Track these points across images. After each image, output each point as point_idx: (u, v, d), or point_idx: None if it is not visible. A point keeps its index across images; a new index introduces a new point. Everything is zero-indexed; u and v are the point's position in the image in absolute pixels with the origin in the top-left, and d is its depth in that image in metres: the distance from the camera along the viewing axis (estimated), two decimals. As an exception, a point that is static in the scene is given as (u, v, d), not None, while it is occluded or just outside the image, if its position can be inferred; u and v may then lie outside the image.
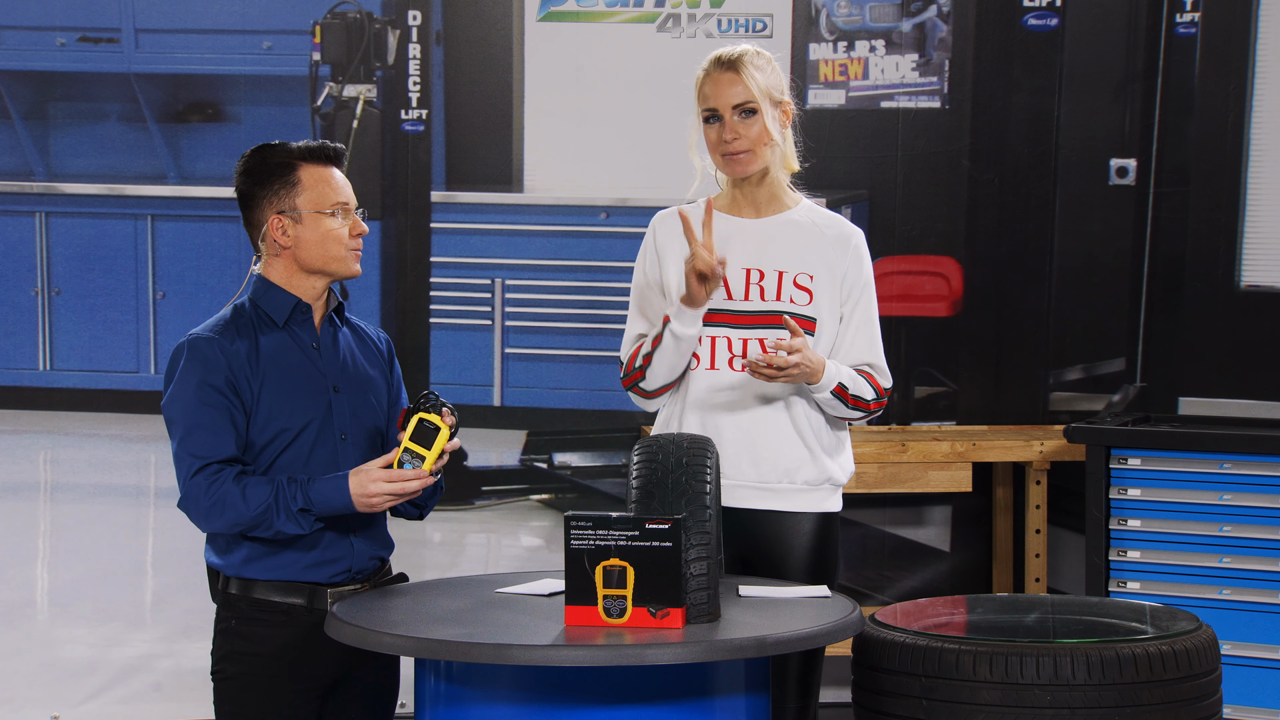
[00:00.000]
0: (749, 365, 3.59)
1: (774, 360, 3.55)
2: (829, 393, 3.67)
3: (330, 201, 3.48)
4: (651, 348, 3.69)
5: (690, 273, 3.59)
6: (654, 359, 3.69)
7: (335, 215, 3.47)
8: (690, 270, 3.59)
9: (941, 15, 5.95)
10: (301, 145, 3.51)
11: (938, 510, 6.04)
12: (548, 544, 5.90)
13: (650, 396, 3.77)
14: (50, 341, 5.84)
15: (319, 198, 3.47)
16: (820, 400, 3.70)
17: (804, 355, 3.58)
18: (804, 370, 3.59)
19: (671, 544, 3.02)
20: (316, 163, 3.50)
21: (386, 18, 5.84)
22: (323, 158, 3.50)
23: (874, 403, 3.74)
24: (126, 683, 5.76)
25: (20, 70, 5.81)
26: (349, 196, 3.51)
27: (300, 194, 3.47)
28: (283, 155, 3.50)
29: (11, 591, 5.78)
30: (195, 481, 3.37)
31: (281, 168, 3.49)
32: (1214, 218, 5.89)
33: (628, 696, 3.00)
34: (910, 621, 3.66)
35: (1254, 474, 5.02)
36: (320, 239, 3.47)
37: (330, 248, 3.48)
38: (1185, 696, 3.44)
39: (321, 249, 3.48)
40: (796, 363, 3.56)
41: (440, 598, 3.38)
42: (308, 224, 3.47)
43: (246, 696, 3.44)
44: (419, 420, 3.36)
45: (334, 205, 3.48)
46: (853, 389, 3.70)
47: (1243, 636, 5.01)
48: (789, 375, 3.58)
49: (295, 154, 3.50)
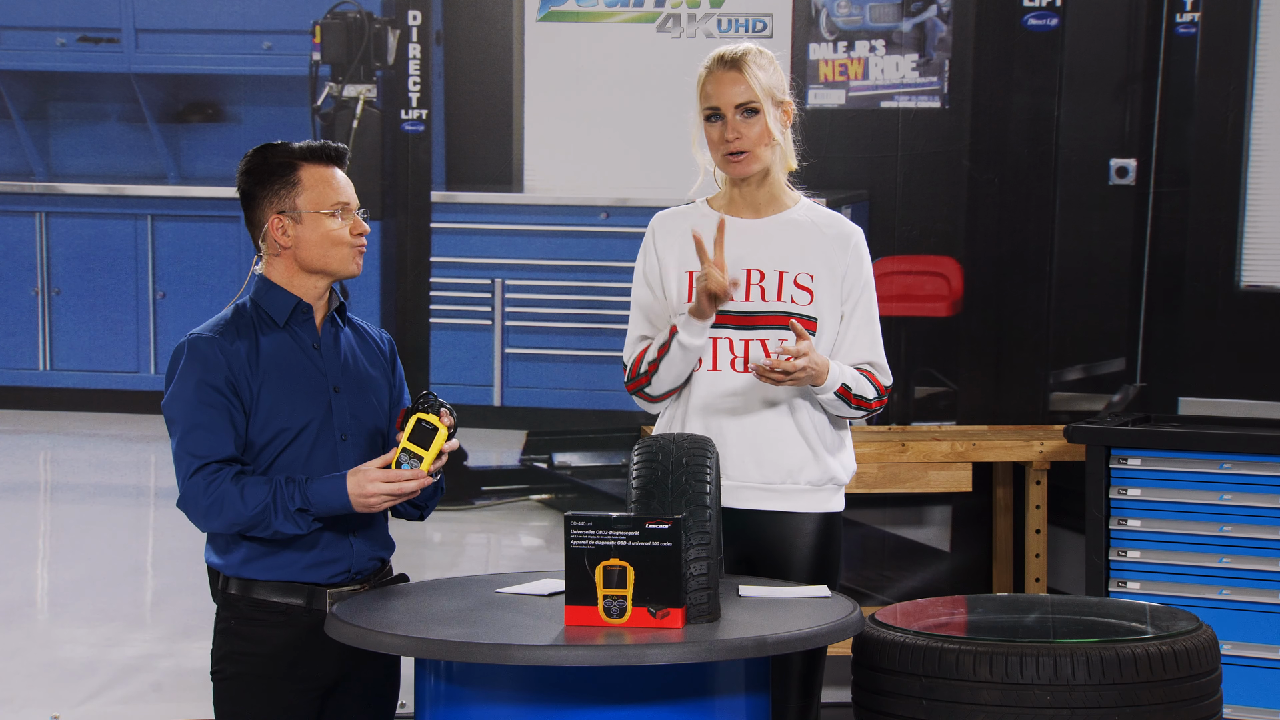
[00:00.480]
0: (755, 370, 3.58)
1: (779, 365, 3.55)
2: (833, 394, 3.67)
3: (330, 201, 3.47)
4: (657, 355, 3.69)
5: (702, 291, 3.59)
6: (661, 367, 3.69)
7: (335, 215, 3.47)
8: (702, 289, 3.59)
9: (941, 15, 5.94)
10: (303, 145, 3.50)
11: (938, 510, 6.03)
12: (548, 544, 5.90)
13: (655, 401, 3.78)
14: (50, 341, 5.83)
15: (319, 198, 3.46)
16: (824, 401, 3.70)
17: (810, 359, 3.57)
18: (810, 373, 3.58)
19: (671, 544, 3.02)
20: (317, 163, 3.49)
21: (386, 18, 5.84)
22: (324, 158, 3.50)
23: (875, 401, 3.74)
24: (126, 683, 5.75)
25: (20, 70, 5.80)
26: (350, 196, 3.50)
27: (301, 194, 3.46)
28: (284, 155, 3.49)
29: (11, 591, 5.78)
30: (194, 481, 3.37)
31: (282, 167, 3.48)
32: (1214, 218, 5.89)
33: (628, 696, 3.00)
34: (910, 621, 3.65)
35: (1254, 474, 5.02)
36: (320, 239, 3.46)
37: (330, 248, 3.47)
38: (1185, 696, 3.44)
39: (321, 249, 3.47)
40: (803, 366, 3.56)
41: (440, 598, 3.37)
42: (308, 224, 3.46)
43: (246, 696, 3.43)
44: (417, 421, 3.36)
45: (334, 205, 3.47)
46: (855, 389, 3.69)
47: (1243, 636, 5.00)
48: (795, 379, 3.58)
49: (296, 154, 3.49)
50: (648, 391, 3.74)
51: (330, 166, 3.50)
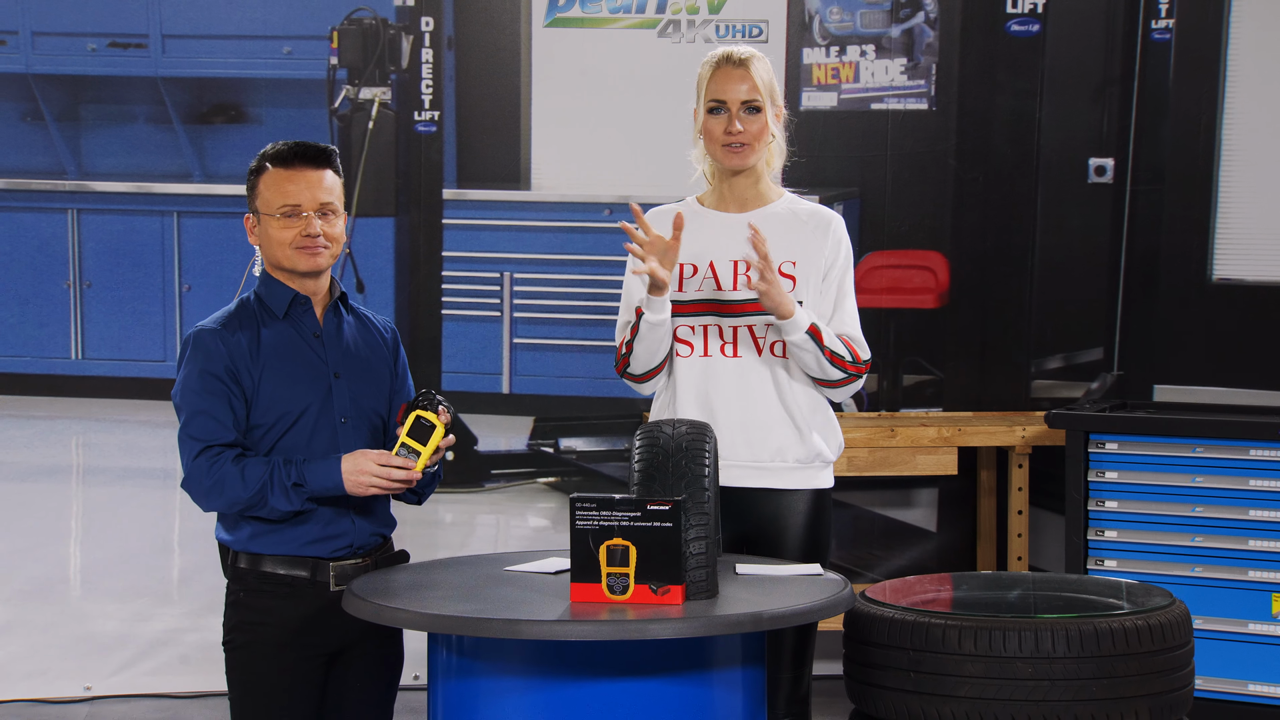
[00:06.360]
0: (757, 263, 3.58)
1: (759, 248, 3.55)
2: (804, 333, 3.64)
3: (277, 205, 3.44)
4: (630, 335, 3.71)
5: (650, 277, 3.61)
6: (636, 347, 3.71)
7: (281, 216, 3.43)
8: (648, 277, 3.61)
9: (929, 21, 5.93)
10: (275, 148, 3.47)
11: (925, 492, 6.04)
12: (554, 524, 5.90)
13: (640, 380, 3.78)
14: (82, 332, 5.84)
15: (269, 200, 3.44)
16: (796, 344, 3.65)
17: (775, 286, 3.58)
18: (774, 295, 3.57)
19: (672, 524, 3.02)
20: (280, 165, 3.45)
21: (400, 24, 5.83)
22: (288, 160, 3.45)
23: (851, 365, 3.70)
24: (154, 655, 5.76)
25: (53, 74, 5.80)
26: (302, 199, 3.43)
27: (258, 196, 3.46)
28: (260, 158, 3.48)
29: (46, 569, 5.79)
30: (197, 463, 3.38)
31: (255, 171, 3.48)
32: (1188, 214, 5.89)
33: (630, 669, 3.00)
34: (899, 598, 3.65)
35: (1224, 457, 5.02)
36: (271, 239, 3.46)
37: (277, 248, 3.45)
38: (1159, 668, 3.44)
39: (272, 249, 3.46)
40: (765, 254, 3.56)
41: (452, 575, 3.38)
42: (264, 224, 3.46)
43: (255, 664, 3.44)
44: (416, 417, 3.37)
45: (280, 208, 3.44)
46: (828, 339, 3.66)
47: (1214, 611, 5.00)
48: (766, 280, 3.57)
49: (267, 156, 3.47)
50: (630, 371, 3.76)
51: (293, 169, 3.45)
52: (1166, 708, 3.45)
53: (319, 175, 3.46)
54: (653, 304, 3.66)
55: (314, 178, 3.45)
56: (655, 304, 3.66)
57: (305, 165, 3.45)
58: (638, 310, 3.68)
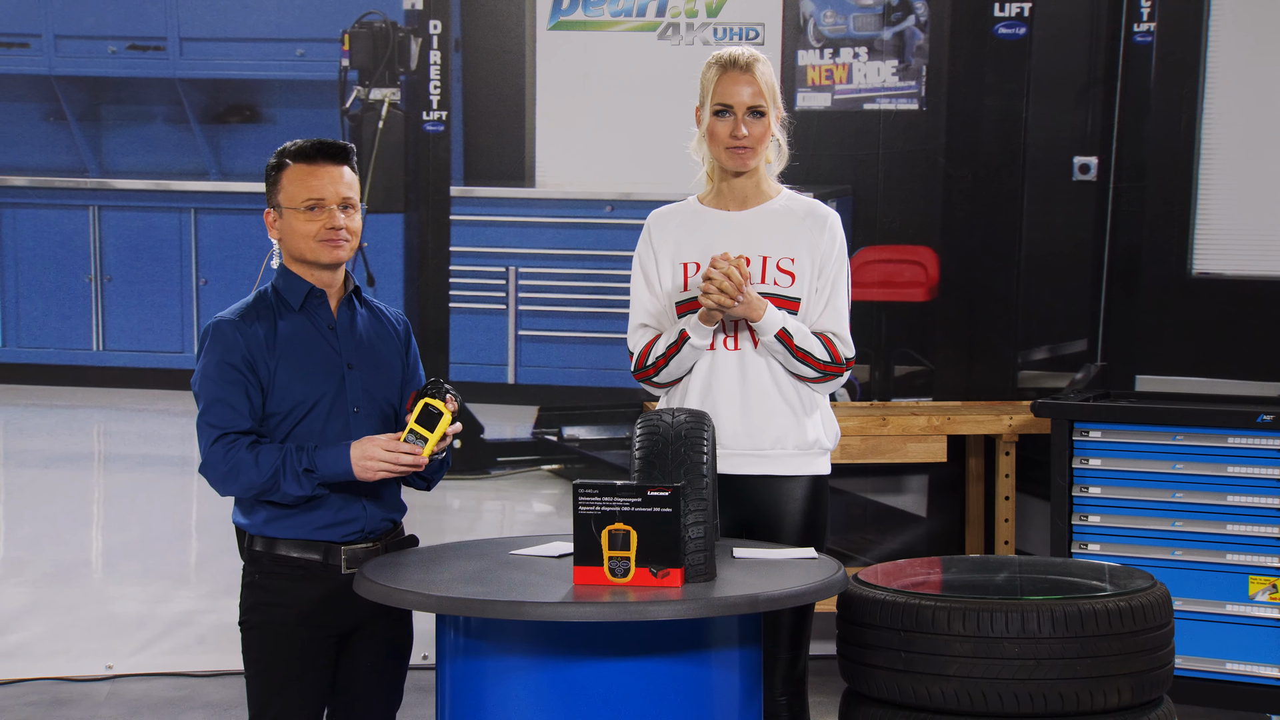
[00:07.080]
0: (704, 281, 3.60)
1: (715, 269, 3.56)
2: (772, 336, 3.65)
3: (300, 199, 3.46)
4: (666, 352, 3.71)
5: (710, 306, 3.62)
6: (671, 363, 3.71)
7: (305, 210, 3.45)
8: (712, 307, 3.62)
9: (919, 24, 5.94)
10: (296, 144, 3.49)
11: (915, 479, 6.04)
12: (558, 510, 5.91)
13: (662, 387, 3.80)
14: (103, 324, 5.85)
15: (291, 195, 3.46)
16: (766, 344, 3.68)
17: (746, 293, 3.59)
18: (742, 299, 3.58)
19: (671, 510, 3.03)
20: (302, 161, 3.47)
21: (409, 27, 5.84)
22: (308, 155, 3.47)
23: (827, 364, 3.71)
24: (174, 636, 5.77)
25: (75, 76, 5.81)
26: (325, 193, 3.46)
27: (281, 191, 3.47)
28: (280, 154, 3.50)
29: (69, 553, 5.80)
30: (214, 449, 3.40)
31: (275, 167, 3.49)
32: (1169, 211, 5.89)
33: (631, 649, 3.01)
34: (890, 580, 3.66)
35: (1203, 445, 5.03)
36: (294, 232, 3.47)
37: (301, 240, 3.47)
38: (1141, 648, 3.45)
39: (295, 241, 3.47)
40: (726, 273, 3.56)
41: (459, 559, 3.38)
42: (286, 218, 3.47)
43: (270, 644, 3.45)
44: (424, 405, 3.38)
45: (305, 201, 3.46)
46: (798, 339, 3.66)
47: (1193, 593, 5.02)
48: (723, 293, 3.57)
49: (287, 153, 3.49)
50: (655, 380, 3.77)
51: (316, 164, 3.47)
52: (1148, 686, 3.47)
53: (340, 171, 3.48)
54: (700, 330, 3.67)
55: (336, 173, 3.47)
56: (704, 331, 3.68)
57: (327, 161, 3.47)
58: (682, 334, 3.69)
